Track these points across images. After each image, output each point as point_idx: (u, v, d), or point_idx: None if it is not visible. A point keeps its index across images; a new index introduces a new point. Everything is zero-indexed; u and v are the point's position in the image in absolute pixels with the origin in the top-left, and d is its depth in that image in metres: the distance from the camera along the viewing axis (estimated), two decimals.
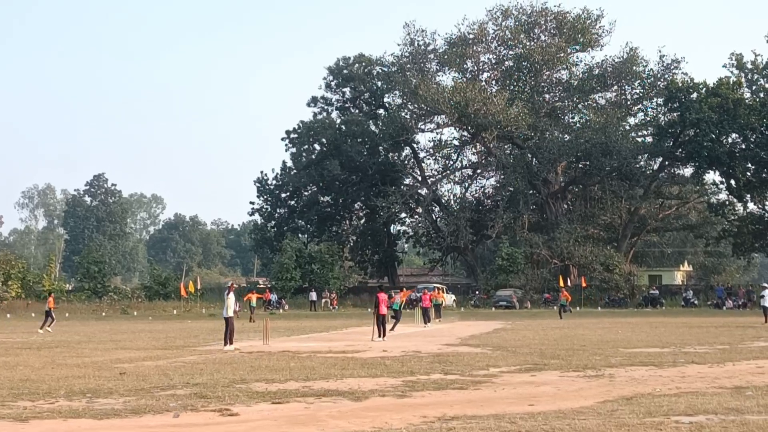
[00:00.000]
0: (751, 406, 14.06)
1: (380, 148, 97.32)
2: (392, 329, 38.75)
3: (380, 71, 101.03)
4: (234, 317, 29.66)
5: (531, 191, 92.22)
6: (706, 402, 14.63)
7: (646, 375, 19.42)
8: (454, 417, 13.24)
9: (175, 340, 34.04)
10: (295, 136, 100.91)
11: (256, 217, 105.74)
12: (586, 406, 14.45)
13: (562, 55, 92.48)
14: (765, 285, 52.40)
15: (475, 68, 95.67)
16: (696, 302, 78.35)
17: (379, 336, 34.31)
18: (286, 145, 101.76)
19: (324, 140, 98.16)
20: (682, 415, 13.16)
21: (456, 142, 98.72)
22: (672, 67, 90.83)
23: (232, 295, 29.88)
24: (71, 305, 77.88)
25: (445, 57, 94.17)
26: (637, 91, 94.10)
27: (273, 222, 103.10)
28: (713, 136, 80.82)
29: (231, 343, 28.86)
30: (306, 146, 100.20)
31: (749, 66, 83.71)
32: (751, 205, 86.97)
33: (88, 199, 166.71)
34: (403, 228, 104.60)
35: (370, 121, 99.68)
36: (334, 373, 20.19)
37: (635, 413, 13.39)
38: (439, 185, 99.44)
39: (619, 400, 15.17)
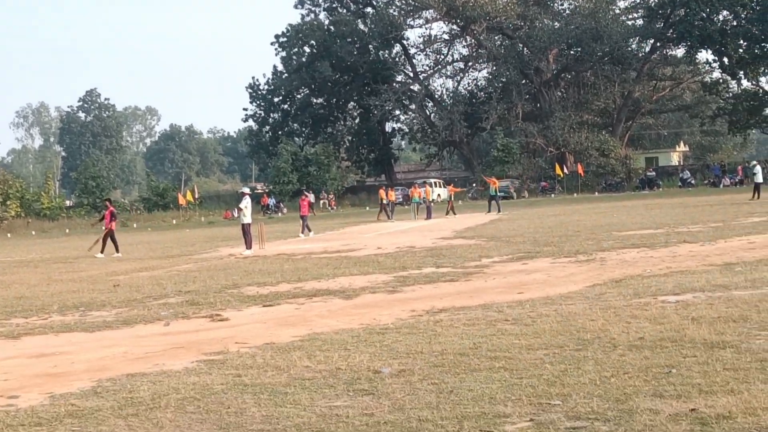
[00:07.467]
0: (738, 282, 14.04)
1: (370, 46, 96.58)
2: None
3: None
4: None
5: (523, 81, 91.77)
6: (695, 280, 14.60)
7: (638, 257, 19.41)
8: (442, 309, 13.26)
9: (172, 250, 34.18)
10: (284, 39, 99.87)
11: (251, 123, 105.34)
12: (574, 291, 14.46)
13: None
14: (755, 162, 52.69)
15: None
16: (693, 182, 78.31)
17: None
18: (275, 49, 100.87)
19: (313, 42, 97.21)
20: (669, 294, 13.16)
21: (446, 37, 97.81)
22: None
23: (249, 202, 30.22)
24: (71, 221, 78.08)
25: None
26: None
27: (267, 127, 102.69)
28: (704, 14, 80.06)
29: (250, 248, 29.13)
30: (296, 49, 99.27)
31: None
32: (744, 82, 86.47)
33: (82, 115, 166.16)
34: (398, 125, 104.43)
35: (359, 21, 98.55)
36: (327, 272, 20.22)
37: (622, 295, 13.41)
38: (431, 80, 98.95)
39: (608, 283, 15.18)
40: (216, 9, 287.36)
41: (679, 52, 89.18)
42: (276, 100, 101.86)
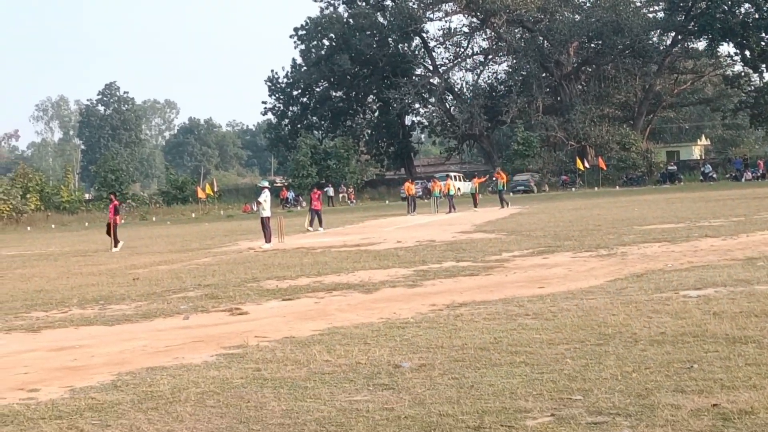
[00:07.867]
0: (760, 277, 13.95)
1: (389, 39, 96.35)
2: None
3: None
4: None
5: (544, 74, 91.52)
6: (716, 275, 14.51)
7: (659, 251, 19.28)
8: (462, 303, 13.21)
9: (191, 243, 34.19)
10: (304, 32, 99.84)
11: (270, 116, 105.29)
12: (595, 285, 14.38)
13: None
14: None
15: None
16: (714, 176, 77.85)
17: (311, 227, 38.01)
18: (294, 42, 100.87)
19: (332, 35, 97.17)
20: (690, 289, 13.08)
21: (466, 29, 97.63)
22: None
23: (268, 195, 30.10)
24: (90, 214, 78.21)
25: None
26: None
27: (286, 120, 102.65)
28: (725, 7, 79.70)
29: (269, 241, 29.00)
30: (315, 42, 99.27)
31: None
32: (766, 75, 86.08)
33: (101, 108, 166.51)
34: (417, 118, 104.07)
35: (378, 13, 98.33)
36: (346, 266, 20.19)
37: (644, 290, 13.33)
38: (450, 74, 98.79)
39: (630, 277, 15.08)
40: (235, 1, 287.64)
41: (701, 45, 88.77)
42: (295, 93, 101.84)
